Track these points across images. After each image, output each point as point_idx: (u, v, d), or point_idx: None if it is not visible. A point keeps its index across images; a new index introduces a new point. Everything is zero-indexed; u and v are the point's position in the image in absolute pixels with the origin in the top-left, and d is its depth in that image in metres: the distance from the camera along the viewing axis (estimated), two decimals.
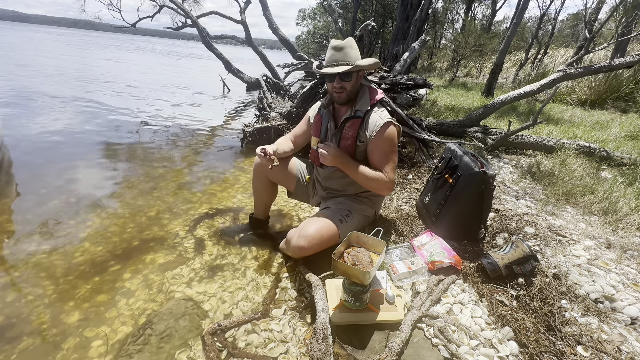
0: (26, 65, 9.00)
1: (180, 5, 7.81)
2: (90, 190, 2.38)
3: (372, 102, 1.51)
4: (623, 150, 3.26)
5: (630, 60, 3.31)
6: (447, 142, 1.94)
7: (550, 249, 1.59)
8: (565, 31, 17.88)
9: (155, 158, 3.17)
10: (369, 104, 1.51)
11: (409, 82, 3.37)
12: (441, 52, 19.70)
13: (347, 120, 1.52)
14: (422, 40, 4.91)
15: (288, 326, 1.27)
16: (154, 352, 1.16)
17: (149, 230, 1.94)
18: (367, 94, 1.54)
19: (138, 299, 1.41)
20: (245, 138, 3.60)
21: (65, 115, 4.43)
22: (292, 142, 1.79)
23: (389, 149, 1.48)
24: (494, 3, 19.77)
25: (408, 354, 1.12)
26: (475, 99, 6.79)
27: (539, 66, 10.02)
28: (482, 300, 1.32)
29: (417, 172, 2.81)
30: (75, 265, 1.60)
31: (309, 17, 31.89)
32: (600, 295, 1.28)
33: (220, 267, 1.65)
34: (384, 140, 1.46)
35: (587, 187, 2.32)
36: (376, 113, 1.50)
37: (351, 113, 1.52)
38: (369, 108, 1.50)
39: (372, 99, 1.52)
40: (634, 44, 9.96)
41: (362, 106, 1.50)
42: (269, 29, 7.75)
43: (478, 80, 11.86)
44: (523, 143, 3.42)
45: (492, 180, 1.53)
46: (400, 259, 1.52)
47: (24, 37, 25.94)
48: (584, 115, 5.29)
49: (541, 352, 1.08)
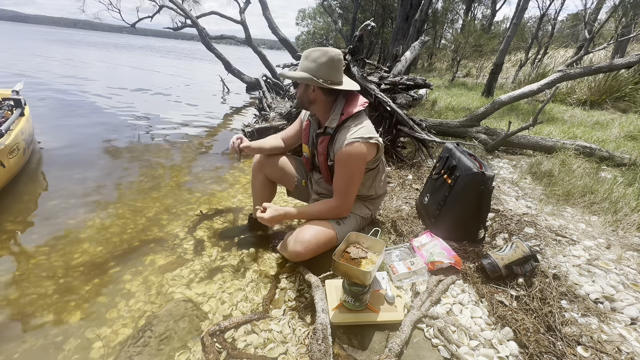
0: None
1: (180, 6, 7.80)
2: (89, 191, 2.38)
3: (345, 116, 1.41)
4: (623, 150, 3.26)
5: (630, 60, 3.31)
6: (446, 143, 1.94)
7: (550, 249, 1.59)
8: (565, 31, 17.88)
9: (154, 158, 3.17)
10: (337, 120, 1.42)
11: (409, 82, 3.37)
12: (441, 52, 19.70)
13: (319, 136, 1.49)
14: (422, 40, 4.91)
15: (288, 327, 1.27)
16: (153, 354, 1.16)
17: (149, 231, 1.94)
18: (340, 108, 1.44)
19: (138, 300, 1.41)
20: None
21: (62, 115, 4.43)
22: (283, 139, 1.77)
23: (346, 171, 1.41)
24: (494, 3, 19.79)
25: (408, 354, 1.11)
26: (475, 99, 6.79)
27: (539, 66, 10.03)
28: (482, 300, 1.32)
29: (417, 172, 2.81)
30: (75, 266, 1.60)
31: (309, 17, 31.90)
32: (600, 296, 1.28)
33: (219, 268, 1.65)
34: (342, 162, 1.39)
35: (587, 187, 2.32)
36: (346, 129, 1.40)
37: (321, 129, 1.48)
38: (337, 124, 1.42)
39: (345, 113, 1.42)
40: (634, 44, 9.97)
41: (331, 122, 1.44)
42: (269, 29, 7.76)
43: (478, 80, 11.85)
44: (523, 143, 3.42)
45: (491, 180, 1.53)
46: (400, 259, 1.52)
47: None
48: (583, 116, 5.29)
49: (541, 353, 1.08)
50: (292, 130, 1.76)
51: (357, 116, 1.44)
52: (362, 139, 1.36)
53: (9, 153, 2.18)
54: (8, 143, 2.18)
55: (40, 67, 9.12)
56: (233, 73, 8.19)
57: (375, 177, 1.60)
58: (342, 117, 1.42)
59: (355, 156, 1.37)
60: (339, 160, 1.40)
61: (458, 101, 6.42)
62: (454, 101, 6.38)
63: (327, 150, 1.48)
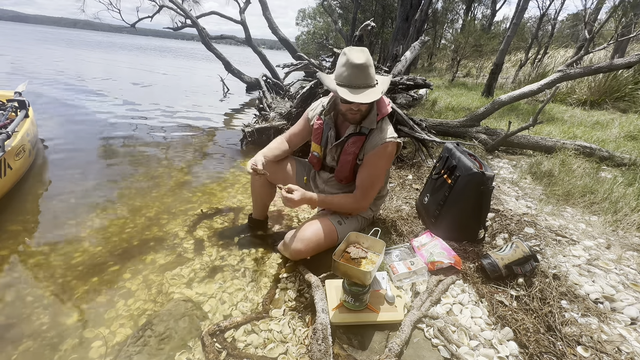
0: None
1: (180, 6, 7.80)
2: (89, 191, 2.38)
3: (380, 117, 1.44)
4: (623, 150, 3.26)
5: (630, 60, 3.31)
6: (446, 143, 1.94)
7: (550, 249, 1.59)
8: (565, 31, 17.87)
9: (154, 158, 3.17)
10: (375, 121, 1.43)
11: (409, 82, 3.37)
12: (441, 52, 19.68)
13: (351, 136, 1.46)
14: (422, 40, 4.91)
15: (288, 326, 1.27)
16: (153, 353, 1.16)
17: (149, 231, 1.93)
18: (375, 109, 1.45)
19: (137, 300, 1.41)
20: (245, 138, 3.60)
21: (62, 115, 4.42)
22: (288, 141, 1.72)
23: (376, 170, 1.43)
24: (494, 3, 19.77)
25: (408, 354, 1.11)
26: (475, 99, 6.78)
27: (539, 66, 10.02)
28: (482, 300, 1.32)
29: (417, 172, 2.81)
30: (74, 266, 1.60)
31: (309, 17, 31.89)
32: (600, 296, 1.28)
33: (219, 267, 1.65)
34: (375, 161, 1.42)
35: (587, 187, 2.32)
36: (379, 130, 1.43)
37: (356, 129, 1.45)
38: (375, 126, 1.43)
39: (379, 114, 1.44)
40: (634, 44, 9.97)
41: (369, 123, 1.43)
42: (269, 29, 7.75)
43: (478, 80, 11.85)
44: (523, 143, 3.42)
45: (490, 180, 1.53)
46: (400, 259, 1.52)
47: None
48: (583, 116, 5.29)
49: (541, 353, 1.08)
50: (297, 130, 1.71)
51: (386, 116, 1.47)
52: (394, 139, 1.42)
53: (15, 155, 2.17)
54: (15, 145, 2.18)
55: (41, 67, 9.11)
56: (233, 73, 8.19)
57: (385, 178, 1.60)
58: (378, 117, 1.44)
59: (388, 155, 1.43)
60: (373, 158, 1.42)
61: (458, 101, 6.41)
62: (454, 101, 6.38)
63: (359, 150, 1.46)
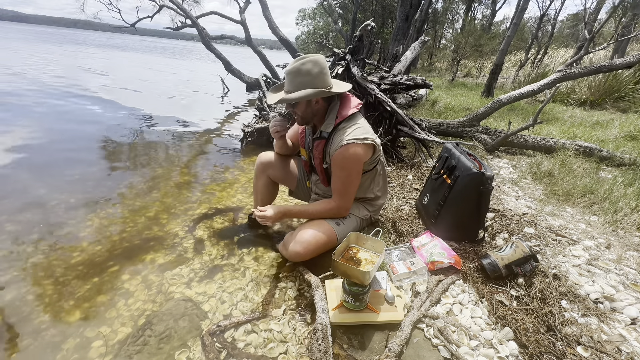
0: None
1: (180, 6, 7.79)
2: (89, 190, 2.38)
3: (340, 119, 1.40)
4: (623, 150, 3.26)
5: (630, 60, 3.31)
6: (446, 143, 1.94)
7: (550, 249, 1.59)
8: (565, 31, 17.88)
9: (154, 158, 3.17)
10: (333, 124, 1.41)
11: (409, 82, 3.37)
12: (441, 52, 19.68)
13: (315, 140, 1.49)
14: (422, 40, 4.91)
15: (288, 326, 1.27)
16: (153, 352, 1.16)
17: (149, 230, 1.93)
18: (334, 112, 1.43)
19: (137, 300, 1.41)
20: (245, 138, 3.60)
21: (60, 113, 4.42)
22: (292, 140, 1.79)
23: (342, 173, 1.41)
24: (494, 3, 19.78)
25: (408, 354, 1.11)
26: (475, 99, 6.78)
27: (539, 66, 10.02)
28: (482, 300, 1.32)
29: (417, 172, 2.81)
30: (74, 265, 1.60)
31: (309, 17, 31.88)
32: (600, 296, 1.28)
33: (219, 267, 1.65)
34: (339, 164, 1.39)
35: (587, 187, 2.32)
36: (341, 132, 1.39)
37: (318, 133, 1.47)
38: (332, 128, 1.41)
39: (339, 116, 1.41)
40: (634, 44, 9.97)
41: (326, 127, 1.42)
42: (269, 29, 7.74)
43: (478, 80, 11.84)
44: (523, 143, 3.42)
45: (490, 181, 1.53)
46: (400, 259, 1.52)
47: None
48: (583, 116, 5.29)
49: (541, 353, 1.08)
50: (291, 133, 1.76)
51: (351, 117, 1.43)
52: (357, 140, 1.35)
53: None
54: None
55: (40, 67, 9.11)
56: (233, 73, 8.18)
57: (373, 179, 1.59)
58: (336, 121, 1.41)
59: (350, 157, 1.36)
60: (335, 163, 1.40)
61: (458, 101, 6.41)
62: (454, 101, 6.37)
63: (323, 154, 1.48)
